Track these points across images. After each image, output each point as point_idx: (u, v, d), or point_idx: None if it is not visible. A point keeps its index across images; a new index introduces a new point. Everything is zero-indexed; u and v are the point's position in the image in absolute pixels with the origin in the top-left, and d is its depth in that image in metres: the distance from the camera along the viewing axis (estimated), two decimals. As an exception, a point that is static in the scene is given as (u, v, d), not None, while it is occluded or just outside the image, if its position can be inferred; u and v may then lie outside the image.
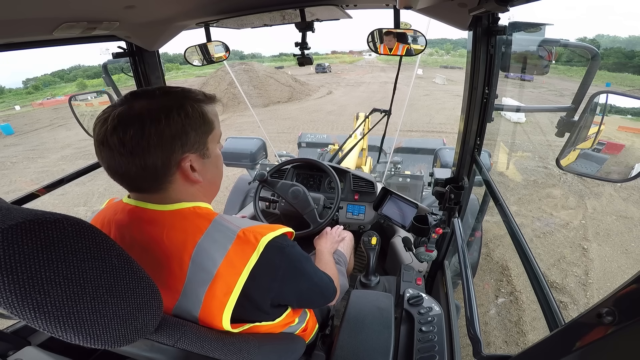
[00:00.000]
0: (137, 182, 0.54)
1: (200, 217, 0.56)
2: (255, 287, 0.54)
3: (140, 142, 0.49)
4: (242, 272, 0.52)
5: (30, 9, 0.65)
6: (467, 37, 1.00)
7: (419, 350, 0.77)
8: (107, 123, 0.49)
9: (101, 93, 1.49)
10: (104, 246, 0.38)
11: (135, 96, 0.53)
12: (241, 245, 0.53)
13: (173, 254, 0.53)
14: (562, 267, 3.04)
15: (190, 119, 0.53)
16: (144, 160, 0.50)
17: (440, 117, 10.74)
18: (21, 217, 0.31)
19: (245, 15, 1.00)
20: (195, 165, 0.56)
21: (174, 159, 0.53)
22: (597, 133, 0.84)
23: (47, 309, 0.32)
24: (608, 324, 0.30)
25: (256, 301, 0.56)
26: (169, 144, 0.52)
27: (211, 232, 0.54)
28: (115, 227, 0.57)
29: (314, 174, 1.68)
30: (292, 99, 16.38)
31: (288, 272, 0.59)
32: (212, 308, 0.52)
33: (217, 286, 0.51)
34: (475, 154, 1.17)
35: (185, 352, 0.50)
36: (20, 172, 7.46)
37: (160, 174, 0.53)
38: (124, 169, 0.51)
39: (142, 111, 0.50)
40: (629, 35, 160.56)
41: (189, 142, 0.54)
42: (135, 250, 0.53)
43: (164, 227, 0.54)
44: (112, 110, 0.50)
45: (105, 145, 0.50)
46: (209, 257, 0.52)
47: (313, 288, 0.67)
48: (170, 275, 0.53)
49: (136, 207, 0.56)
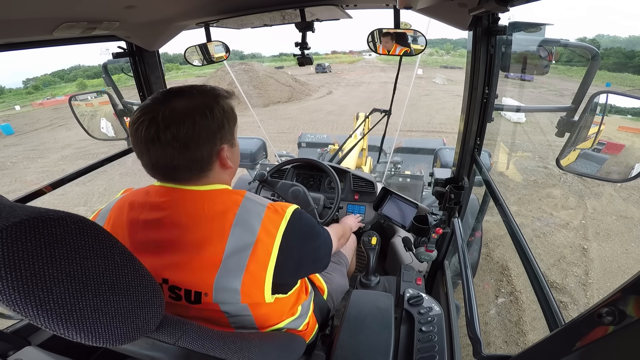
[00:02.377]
0: (182, 172, 0.59)
1: (234, 194, 0.64)
2: (286, 247, 0.61)
3: (192, 137, 0.56)
4: (277, 236, 0.60)
5: (30, 9, 0.65)
6: (467, 37, 1.00)
7: (419, 350, 0.77)
8: (157, 122, 0.54)
9: (101, 93, 1.50)
10: (107, 244, 0.38)
11: (172, 95, 0.58)
12: (273, 214, 0.62)
13: (214, 223, 0.58)
14: (562, 267, 3.04)
15: (227, 113, 0.62)
16: (194, 152, 0.57)
17: (440, 117, 10.74)
18: (24, 215, 0.31)
19: (245, 15, 1.00)
20: (228, 153, 0.64)
21: (216, 150, 0.61)
22: (597, 133, 0.84)
23: (50, 306, 0.32)
24: (608, 324, 0.30)
25: (286, 262, 0.62)
26: (213, 137, 0.59)
27: (246, 204, 0.61)
28: (151, 208, 0.61)
29: (314, 174, 1.68)
30: (292, 99, 16.38)
31: (306, 232, 0.69)
32: (255, 271, 0.57)
33: (259, 250, 0.58)
34: (475, 154, 1.17)
35: (186, 351, 0.50)
36: (21, 172, 7.47)
37: (205, 164, 0.60)
38: (175, 162, 0.57)
39: (189, 109, 0.56)
40: (629, 35, 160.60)
41: (226, 134, 0.62)
42: (174, 228, 0.58)
43: (204, 202, 0.60)
44: (157, 110, 0.55)
45: (157, 142, 0.55)
46: (248, 224, 0.59)
47: (322, 245, 0.75)
48: (211, 245, 0.57)
49: (174, 188, 0.61)
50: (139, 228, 0.60)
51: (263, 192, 1.58)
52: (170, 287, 0.58)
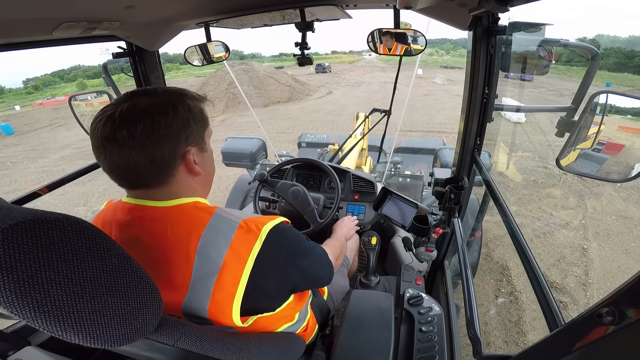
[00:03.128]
0: (142, 176, 0.55)
1: (201, 211, 0.58)
2: (261, 273, 0.56)
3: (150, 134, 0.52)
4: (247, 260, 0.54)
5: (30, 9, 0.65)
6: (467, 37, 1.00)
7: (419, 350, 0.77)
8: (115, 118, 0.51)
9: (101, 93, 1.49)
10: (104, 245, 0.38)
11: (136, 94, 0.55)
12: (244, 235, 0.55)
13: (179, 247, 0.54)
14: (562, 267, 3.04)
15: (193, 113, 0.57)
16: (153, 152, 0.53)
17: (440, 117, 10.74)
18: (21, 217, 0.31)
19: (245, 15, 1.00)
20: (196, 158, 0.59)
21: (180, 151, 0.56)
22: (597, 133, 0.84)
23: (47, 308, 0.32)
24: (608, 324, 0.30)
25: (263, 287, 0.57)
26: (176, 136, 0.55)
27: (214, 224, 0.55)
28: (116, 227, 0.58)
29: (314, 174, 1.68)
30: (292, 99, 16.38)
31: (290, 252, 0.61)
32: (221, 300, 0.53)
33: (225, 277, 0.53)
34: (475, 154, 1.17)
35: (184, 352, 0.50)
36: (21, 172, 7.47)
37: (167, 166, 0.55)
38: (131, 163, 0.52)
39: (149, 106, 0.53)
40: (629, 35, 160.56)
41: (191, 135, 0.57)
42: (138, 249, 0.54)
43: (168, 222, 0.55)
44: (117, 107, 0.52)
45: (112, 141, 0.51)
46: (214, 248, 0.53)
47: (313, 264, 0.69)
48: (178, 270, 0.53)
49: (137, 205, 0.57)
50: None
51: (263, 192, 1.58)
52: None
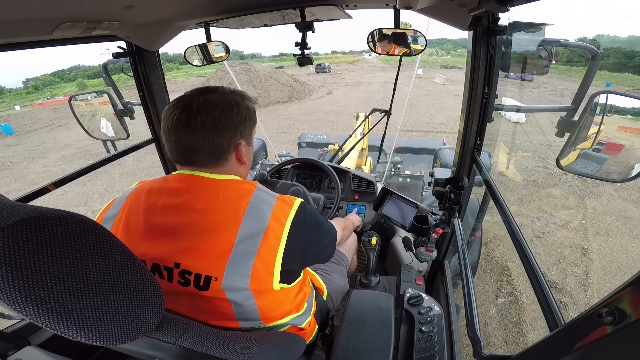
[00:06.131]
0: (201, 155, 0.66)
1: (246, 184, 0.70)
2: (294, 235, 0.66)
3: (217, 124, 0.64)
4: (285, 224, 0.65)
5: (30, 9, 0.65)
6: (467, 37, 1.00)
7: (419, 350, 0.77)
8: (191, 108, 0.63)
9: (101, 93, 1.50)
10: (108, 243, 0.38)
11: (209, 91, 0.68)
12: (282, 204, 0.68)
13: (228, 209, 0.63)
14: (562, 267, 3.04)
15: (250, 112, 0.71)
16: (215, 138, 0.65)
17: (440, 117, 10.74)
18: (25, 214, 0.31)
19: (245, 15, 1.00)
20: (244, 149, 0.71)
21: (234, 141, 0.69)
22: (597, 133, 0.84)
23: (50, 305, 0.32)
24: (608, 324, 0.30)
25: (294, 250, 0.67)
26: (235, 128, 0.67)
27: (258, 194, 0.67)
28: (168, 193, 0.66)
29: (314, 174, 1.68)
30: (292, 99, 16.39)
31: (312, 221, 0.73)
32: (266, 256, 0.61)
33: (270, 235, 0.62)
34: (475, 154, 1.17)
35: (186, 350, 0.50)
36: (21, 172, 7.46)
37: (223, 152, 0.67)
38: (196, 145, 0.64)
39: (220, 101, 0.66)
40: (629, 35, 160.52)
41: (245, 130, 0.70)
42: (190, 213, 0.62)
43: (220, 189, 0.65)
44: (192, 99, 0.64)
45: (187, 126, 0.63)
46: (260, 211, 0.64)
47: (326, 233, 0.80)
48: (224, 229, 0.61)
49: (192, 175, 0.67)
50: (156, 212, 0.64)
51: (263, 192, 1.58)
52: (181, 271, 0.60)
